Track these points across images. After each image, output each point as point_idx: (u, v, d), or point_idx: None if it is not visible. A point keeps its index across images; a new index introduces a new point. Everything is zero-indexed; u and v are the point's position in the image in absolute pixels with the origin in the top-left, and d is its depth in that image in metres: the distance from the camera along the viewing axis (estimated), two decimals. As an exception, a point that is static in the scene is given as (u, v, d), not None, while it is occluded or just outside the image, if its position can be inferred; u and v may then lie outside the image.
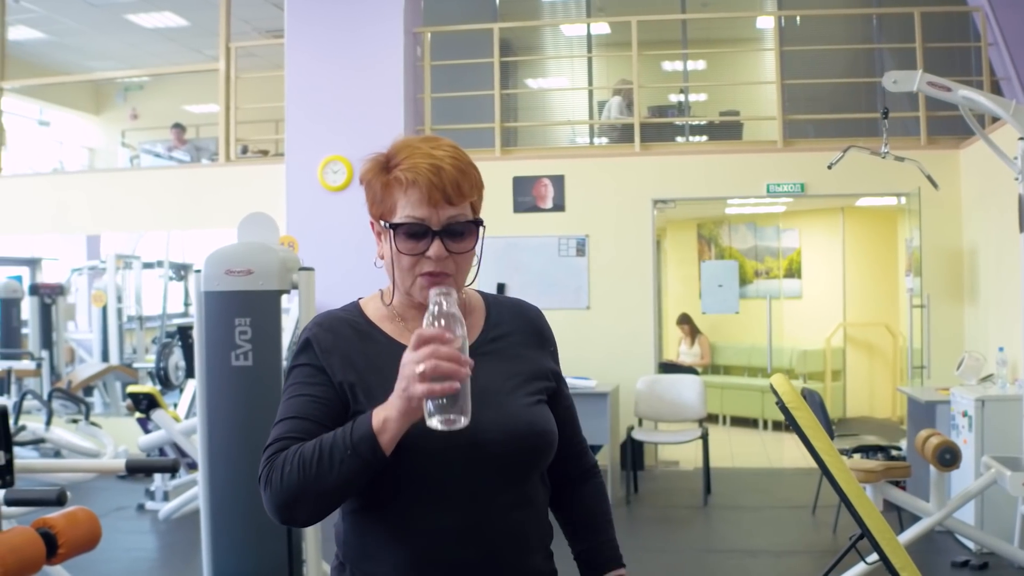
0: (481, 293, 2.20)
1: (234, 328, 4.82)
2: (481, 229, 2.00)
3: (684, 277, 13.26)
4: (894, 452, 7.68)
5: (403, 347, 1.89)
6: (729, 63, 12.69)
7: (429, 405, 1.76)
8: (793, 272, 12.55)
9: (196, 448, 6.92)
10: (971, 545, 6.68)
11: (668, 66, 12.81)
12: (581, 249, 9.53)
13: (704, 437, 8.47)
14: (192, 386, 9.44)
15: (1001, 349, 7.17)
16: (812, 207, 11.95)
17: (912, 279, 9.04)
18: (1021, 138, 6.08)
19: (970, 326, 9.06)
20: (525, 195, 9.55)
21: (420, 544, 1.95)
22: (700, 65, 12.82)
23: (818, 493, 8.00)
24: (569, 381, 8.01)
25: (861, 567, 5.24)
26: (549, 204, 9.56)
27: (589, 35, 12.35)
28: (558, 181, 9.57)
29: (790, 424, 4.66)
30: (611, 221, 9.51)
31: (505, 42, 11.00)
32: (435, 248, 1.94)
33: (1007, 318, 7.88)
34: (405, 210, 1.95)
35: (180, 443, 6.98)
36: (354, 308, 2.09)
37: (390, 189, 1.97)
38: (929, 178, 7.35)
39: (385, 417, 1.81)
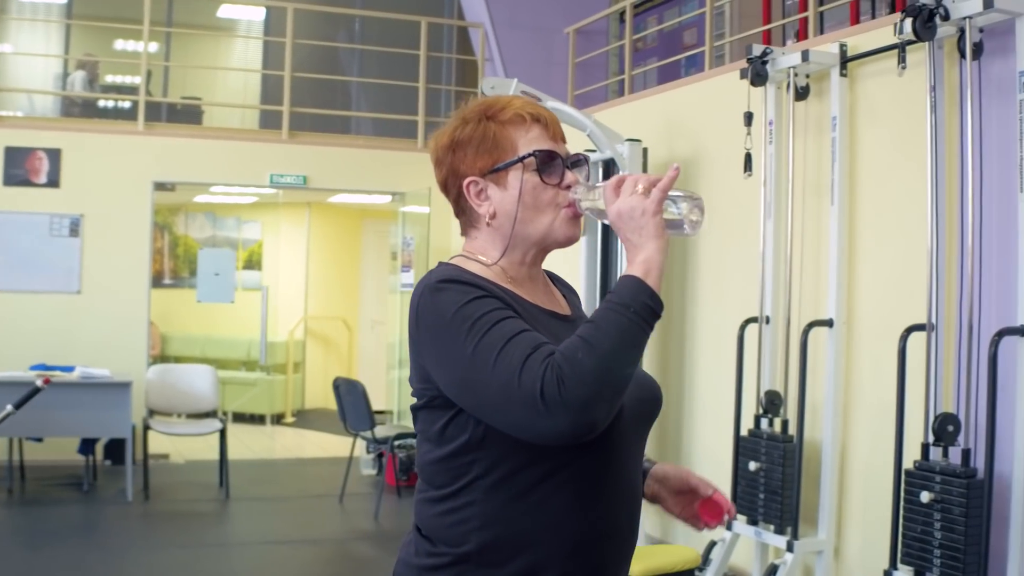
0: None
1: None
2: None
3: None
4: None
5: (530, 304, 1.88)
6: (183, 48, 12.31)
7: (674, 211, 1.76)
8: (254, 264, 12.50)
9: None
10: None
11: (120, 45, 12.16)
12: (75, 229, 8.84)
13: (223, 429, 8.23)
14: None
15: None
16: (280, 200, 11.99)
17: (411, 275, 9.44)
18: (591, 150, 6.65)
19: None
20: (17, 167, 8.67)
21: (600, 513, 1.81)
22: (153, 48, 12.32)
23: (345, 482, 8.14)
24: (82, 371, 7.54)
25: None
26: (43, 179, 8.76)
27: (70, 5, 11.41)
28: (54, 155, 8.80)
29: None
30: (109, 201, 8.91)
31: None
32: (570, 176, 1.91)
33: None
34: (531, 145, 1.89)
35: None
36: (455, 269, 1.88)
37: (506, 130, 1.89)
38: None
39: (643, 259, 1.72)
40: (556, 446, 1.71)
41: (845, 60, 5.22)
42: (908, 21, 4.29)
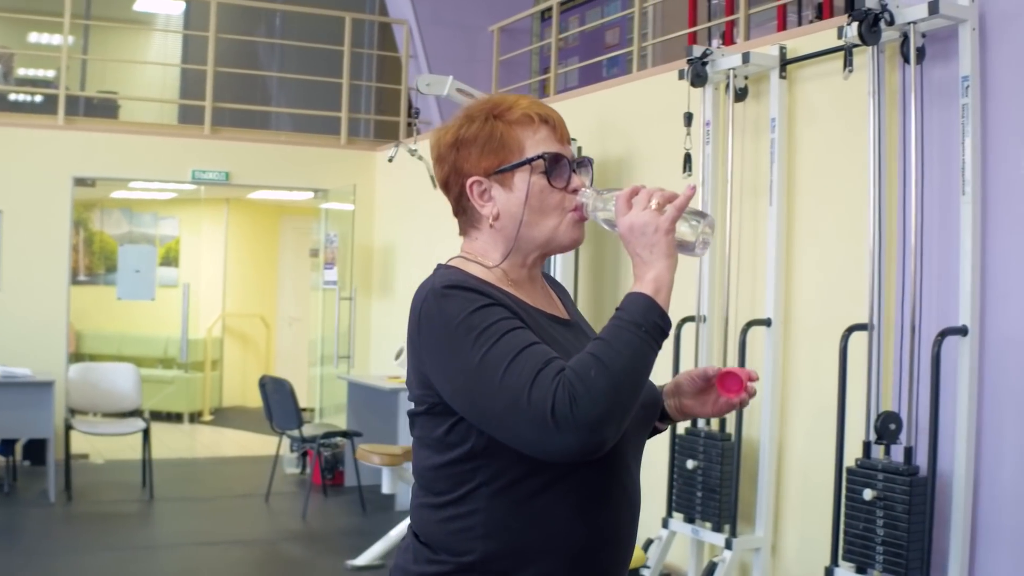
0: None
1: None
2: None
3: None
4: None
5: (532, 308, 1.85)
6: (101, 42, 12.07)
7: (685, 230, 1.75)
8: (171, 261, 12.29)
9: None
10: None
11: (35, 38, 11.87)
12: (-8, 226, 8.62)
13: (147, 429, 8.07)
14: None
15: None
16: (200, 196, 11.80)
17: (335, 272, 9.36)
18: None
19: (379, 318, 9.59)
20: (-67, 161, 8.44)
21: (602, 520, 1.80)
22: (70, 41, 12.06)
23: (271, 481, 8.06)
24: (3, 370, 7.37)
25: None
26: (-41, 175, 8.53)
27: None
28: (-30, 149, 8.58)
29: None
30: (28, 196, 8.69)
31: None
32: (576, 180, 1.88)
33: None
34: (538, 147, 1.85)
35: None
36: (459, 273, 1.86)
37: (513, 130, 1.85)
38: (432, 178, 7.73)
39: (654, 277, 1.70)
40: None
41: (785, 62, 5.29)
42: (854, 25, 4.35)
